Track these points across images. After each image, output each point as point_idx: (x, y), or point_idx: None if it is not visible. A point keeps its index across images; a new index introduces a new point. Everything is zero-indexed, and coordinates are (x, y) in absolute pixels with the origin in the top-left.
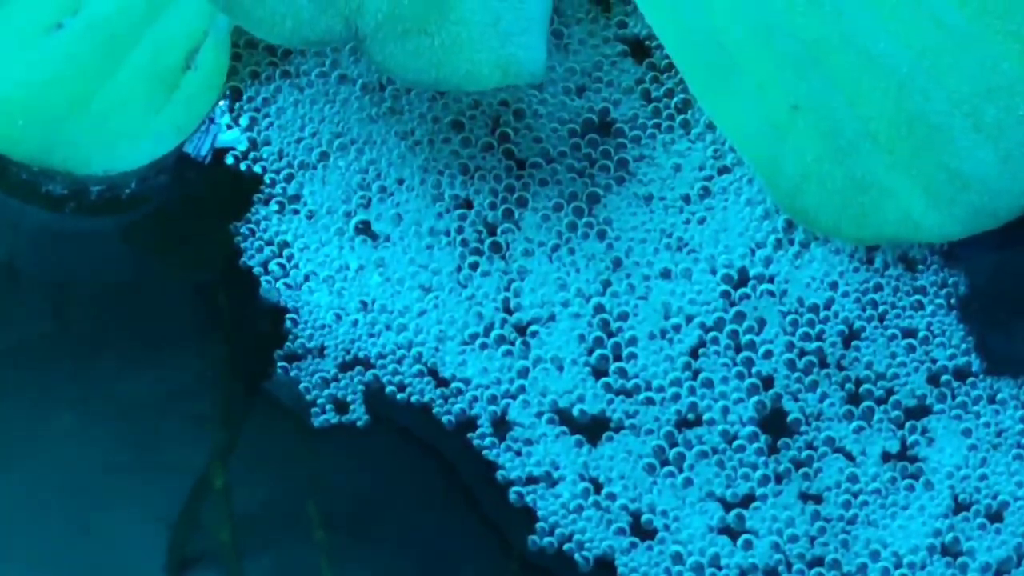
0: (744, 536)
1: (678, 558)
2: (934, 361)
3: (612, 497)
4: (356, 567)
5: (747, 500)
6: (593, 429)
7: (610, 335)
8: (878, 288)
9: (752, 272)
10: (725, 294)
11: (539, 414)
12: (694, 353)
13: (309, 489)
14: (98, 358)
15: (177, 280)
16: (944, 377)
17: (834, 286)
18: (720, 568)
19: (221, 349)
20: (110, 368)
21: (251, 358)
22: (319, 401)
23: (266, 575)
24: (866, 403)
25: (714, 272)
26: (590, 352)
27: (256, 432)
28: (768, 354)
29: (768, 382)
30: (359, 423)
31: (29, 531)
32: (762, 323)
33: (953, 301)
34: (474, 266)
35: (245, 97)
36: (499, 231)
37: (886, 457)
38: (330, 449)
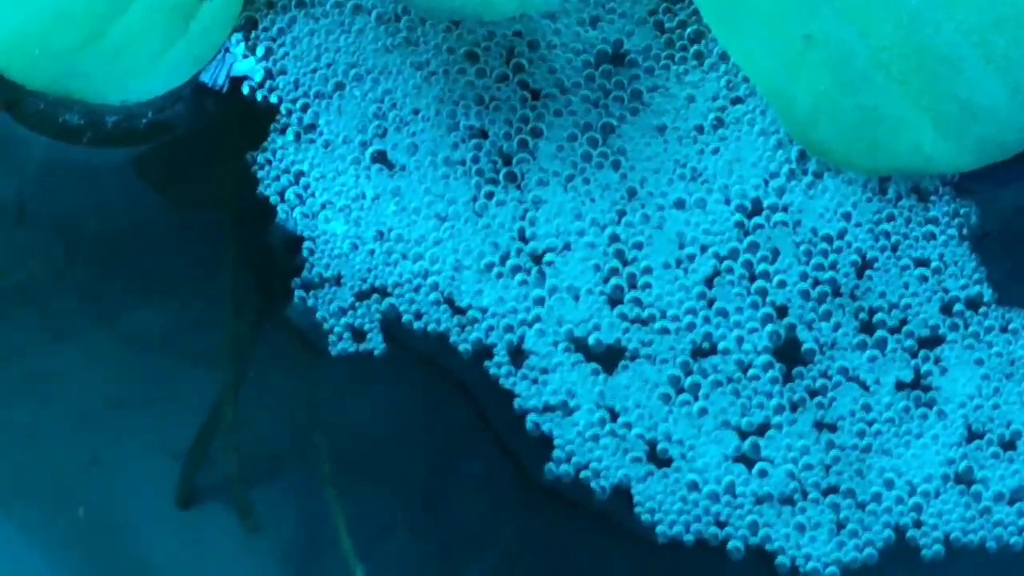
0: (759, 464)
1: (694, 486)
2: (946, 291)
3: (628, 426)
4: (366, 498)
5: (762, 429)
6: (609, 358)
7: (625, 264)
8: (891, 218)
9: (766, 202)
10: (739, 224)
11: (555, 343)
12: (709, 283)
13: (319, 421)
14: (112, 290)
15: (193, 210)
16: (956, 307)
17: (847, 216)
18: (735, 496)
19: (237, 279)
20: (123, 300)
21: (268, 288)
22: (336, 330)
23: (274, 507)
24: (879, 333)
25: (728, 202)
26: (605, 281)
27: (269, 363)
28: (782, 284)
29: (782, 312)
30: (376, 352)
31: (39, 463)
32: (776, 253)
33: (965, 232)
34: (489, 195)
35: (260, 27)
36: (514, 161)
37: (899, 386)
38: (344, 378)
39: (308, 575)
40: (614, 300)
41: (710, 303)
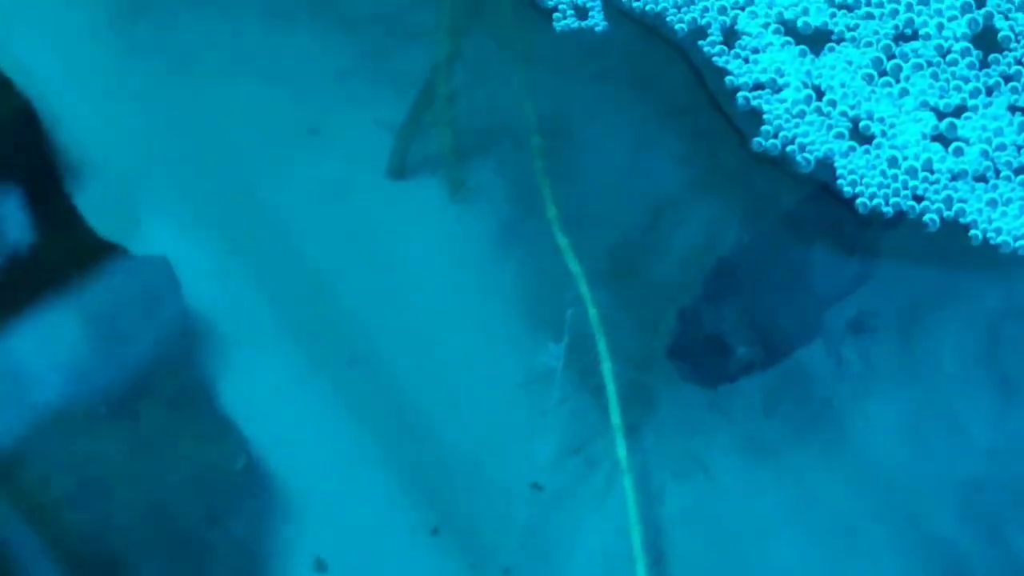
0: (955, 144)
1: (893, 162)
2: None
3: (833, 104)
4: (574, 171)
5: (959, 110)
6: (816, 40)
7: None
8: None
9: None
10: None
11: (766, 24)
12: None
13: (533, 95)
14: None
15: None
16: None
17: None
18: (932, 172)
19: None
20: None
21: None
22: (560, 6)
23: (484, 180)
24: None
25: None
26: None
27: (487, 39)
28: None
29: (980, 1)
30: (597, 28)
31: (263, 133)
32: None
33: None
34: None
35: None
36: None
37: None
38: (563, 54)
39: (514, 246)
40: None
41: None
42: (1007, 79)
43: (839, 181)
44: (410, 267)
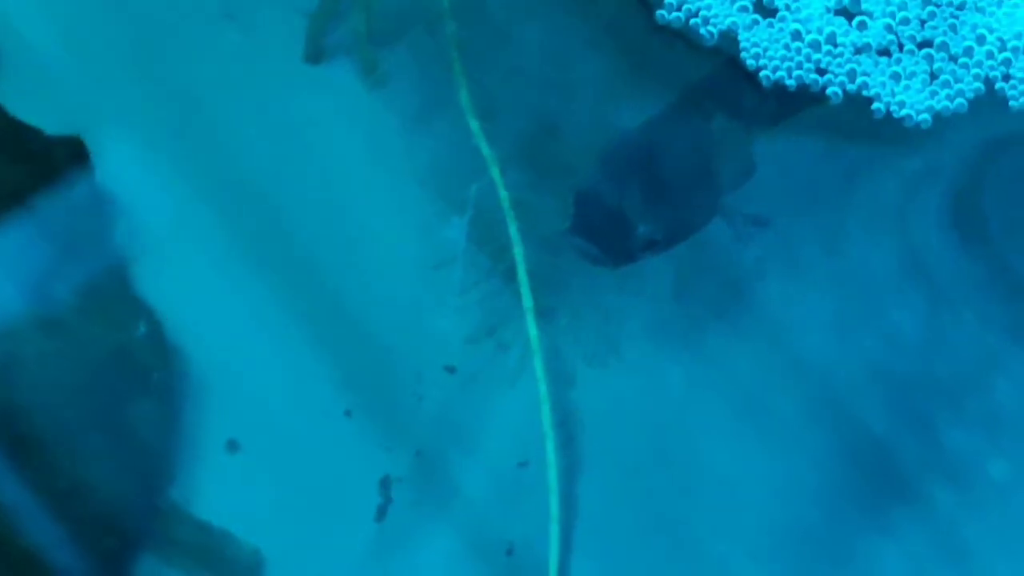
0: (859, 17)
1: (797, 35)
2: None
3: None
4: (486, 57)
5: None
6: None
7: None
8: None
9: None
10: None
11: None
12: None
13: None
14: None
15: None
16: None
17: None
18: (836, 46)
19: None
20: None
21: None
22: None
23: (398, 65)
24: None
25: None
26: None
27: None
28: None
29: None
30: None
31: (177, 18)
32: None
33: None
34: None
35: None
36: None
37: None
38: None
39: (426, 130)
40: None
41: None
42: None
43: (743, 54)
44: (324, 151)
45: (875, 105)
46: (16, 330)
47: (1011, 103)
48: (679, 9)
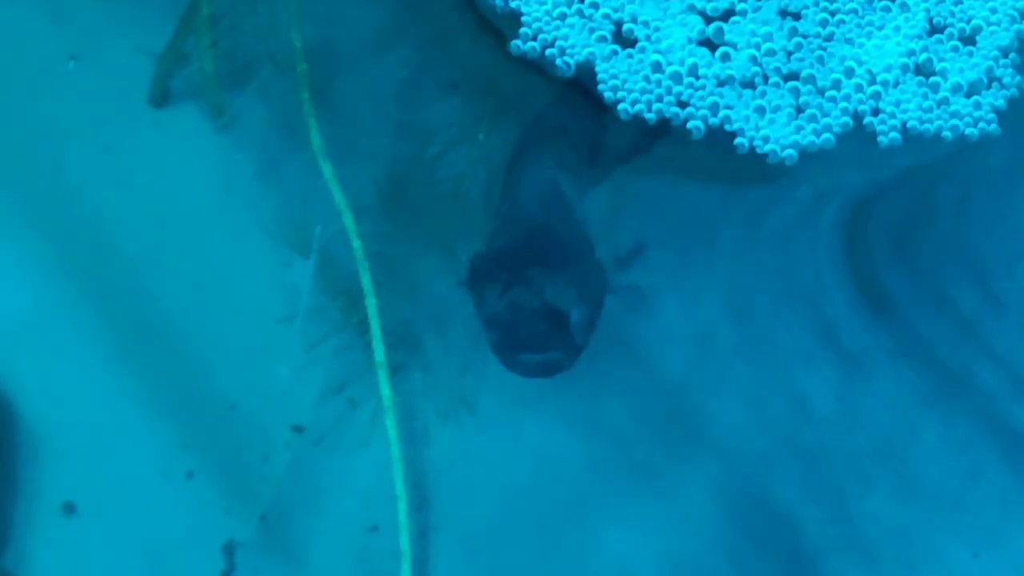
0: (723, 48)
1: (657, 67)
2: None
3: (595, 6)
4: (340, 100)
5: (727, 15)
6: None
7: None
8: None
9: None
10: None
11: None
12: None
13: (298, 20)
14: None
15: None
16: None
17: None
18: (698, 78)
19: None
20: None
21: None
22: None
23: (247, 107)
24: None
25: None
26: None
27: None
28: None
29: None
30: None
31: (20, 59)
32: None
33: None
34: None
35: None
36: None
37: None
38: None
39: (277, 173)
40: None
41: None
42: None
43: (600, 87)
44: (170, 195)
45: (738, 140)
46: None
47: (880, 138)
48: (534, 39)
